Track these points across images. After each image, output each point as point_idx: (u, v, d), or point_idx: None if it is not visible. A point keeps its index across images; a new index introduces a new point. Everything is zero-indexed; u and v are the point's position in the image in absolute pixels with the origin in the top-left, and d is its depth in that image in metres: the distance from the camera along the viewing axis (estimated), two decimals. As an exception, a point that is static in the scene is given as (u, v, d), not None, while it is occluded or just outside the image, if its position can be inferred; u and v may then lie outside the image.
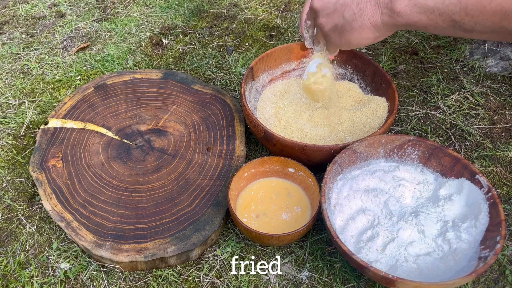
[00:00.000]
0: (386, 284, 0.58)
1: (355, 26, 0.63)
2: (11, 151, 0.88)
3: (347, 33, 0.64)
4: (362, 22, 0.62)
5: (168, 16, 1.23)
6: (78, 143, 0.84)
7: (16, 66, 1.08)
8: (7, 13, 1.26)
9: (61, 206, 0.74)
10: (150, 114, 0.90)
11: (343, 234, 0.67)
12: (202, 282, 0.69)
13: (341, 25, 0.64)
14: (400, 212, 0.69)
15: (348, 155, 0.71)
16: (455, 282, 0.55)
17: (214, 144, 0.84)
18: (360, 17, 0.62)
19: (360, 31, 0.63)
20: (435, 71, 1.00)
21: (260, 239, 0.67)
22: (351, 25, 0.63)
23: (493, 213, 0.63)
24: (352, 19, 0.63)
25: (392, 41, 1.10)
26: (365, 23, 0.62)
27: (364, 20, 0.62)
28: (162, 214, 0.73)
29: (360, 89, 0.90)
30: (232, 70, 1.05)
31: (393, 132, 0.89)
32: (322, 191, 0.65)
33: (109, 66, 1.07)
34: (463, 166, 0.69)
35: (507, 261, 0.70)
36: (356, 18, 0.62)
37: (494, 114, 0.90)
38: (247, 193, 0.75)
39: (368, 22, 0.62)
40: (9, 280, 0.69)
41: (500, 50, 1.01)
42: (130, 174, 0.79)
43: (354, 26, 0.63)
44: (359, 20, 0.62)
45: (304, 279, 0.68)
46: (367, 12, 0.61)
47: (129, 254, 0.68)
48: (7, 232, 0.76)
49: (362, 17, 0.62)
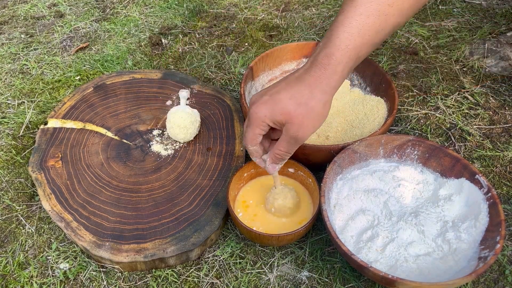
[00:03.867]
0: (386, 284, 0.58)
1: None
2: (10, 151, 0.88)
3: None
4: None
5: (167, 16, 1.23)
6: (77, 143, 0.84)
7: (15, 66, 1.08)
8: (6, 13, 1.26)
9: (60, 206, 0.74)
10: (149, 114, 0.90)
11: (343, 234, 0.66)
12: (202, 282, 0.68)
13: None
14: (400, 212, 0.69)
15: (348, 155, 0.71)
16: (455, 282, 0.55)
17: (213, 144, 0.84)
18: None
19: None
20: (435, 71, 1.00)
21: (260, 239, 0.67)
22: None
23: (493, 213, 0.63)
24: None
25: (392, 41, 1.10)
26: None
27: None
28: (161, 214, 0.73)
29: (360, 89, 0.90)
30: (232, 70, 1.05)
31: (393, 132, 0.89)
32: (322, 191, 0.65)
33: (108, 66, 1.06)
34: (463, 166, 0.69)
35: (507, 261, 0.70)
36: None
37: (494, 114, 0.90)
38: (247, 193, 0.75)
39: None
40: (9, 280, 0.69)
41: (500, 50, 1.01)
42: (129, 174, 0.79)
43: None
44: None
45: (303, 279, 0.68)
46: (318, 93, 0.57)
47: (128, 255, 0.67)
48: (6, 233, 0.76)
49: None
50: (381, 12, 0.56)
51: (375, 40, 0.58)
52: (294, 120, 0.57)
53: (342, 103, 0.87)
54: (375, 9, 0.56)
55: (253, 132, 0.60)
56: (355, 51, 0.57)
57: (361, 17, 0.56)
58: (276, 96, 0.58)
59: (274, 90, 0.59)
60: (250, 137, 0.61)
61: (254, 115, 0.59)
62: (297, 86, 0.57)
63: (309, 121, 0.57)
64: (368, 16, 0.56)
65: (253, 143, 0.62)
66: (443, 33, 1.11)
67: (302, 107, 0.56)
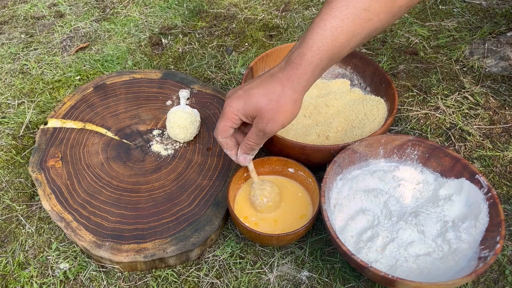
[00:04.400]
0: (386, 284, 0.58)
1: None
2: (10, 151, 0.88)
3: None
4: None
5: (167, 16, 1.23)
6: (77, 143, 0.84)
7: (15, 66, 1.08)
8: (6, 13, 1.26)
9: (60, 206, 0.74)
10: (149, 114, 0.90)
11: (343, 234, 0.66)
12: (202, 282, 0.68)
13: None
14: (400, 212, 0.69)
15: (348, 155, 0.71)
16: (455, 282, 0.55)
17: (214, 144, 0.84)
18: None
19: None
20: (435, 71, 1.00)
21: (260, 239, 0.67)
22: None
23: (493, 213, 0.63)
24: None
25: (392, 41, 1.10)
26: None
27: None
28: (161, 214, 0.73)
29: (360, 89, 0.90)
30: (232, 70, 1.05)
31: (393, 132, 0.89)
32: (322, 191, 0.65)
33: (108, 66, 1.06)
34: (463, 166, 0.69)
35: (507, 261, 0.70)
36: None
37: (494, 114, 0.90)
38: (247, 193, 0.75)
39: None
40: (9, 280, 0.69)
41: (500, 50, 1.01)
42: (129, 174, 0.79)
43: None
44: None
45: (303, 279, 0.68)
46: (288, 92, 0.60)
47: (128, 255, 0.67)
48: (6, 232, 0.76)
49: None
50: (357, 16, 0.58)
51: (350, 43, 0.59)
52: (264, 115, 0.60)
53: (342, 103, 0.87)
54: (350, 13, 0.57)
55: (225, 124, 0.64)
56: (327, 53, 0.58)
57: (336, 20, 0.58)
58: (249, 91, 0.61)
59: (248, 86, 0.62)
60: (221, 129, 0.64)
61: (227, 108, 0.62)
62: (270, 83, 0.60)
63: (279, 116, 0.60)
64: (343, 20, 0.57)
65: (224, 135, 0.65)
66: (443, 33, 1.11)
67: (273, 103, 0.59)
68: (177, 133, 0.81)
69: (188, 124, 0.81)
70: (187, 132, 0.81)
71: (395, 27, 1.14)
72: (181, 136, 0.82)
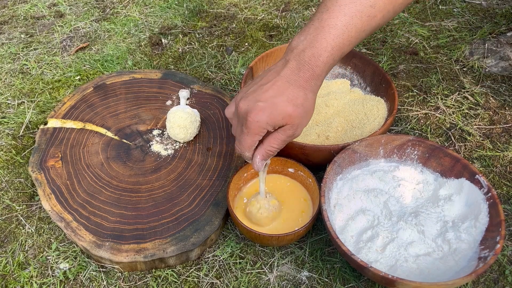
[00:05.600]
0: (386, 284, 0.58)
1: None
2: (10, 151, 0.88)
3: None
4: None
5: (167, 16, 1.23)
6: (77, 143, 0.84)
7: (15, 66, 1.08)
8: (6, 13, 1.26)
9: (60, 206, 0.74)
10: (149, 114, 0.90)
11: (343, 234, 0.66)
12: (202, 282, 0.68)
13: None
14: (400, 212, 0.69)
15: (348, 155, 0.71)
16: (455, 282, 0.55)
17: (213, 144, 0.84)
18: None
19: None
20: (435, 71, 1.00)
21: (260, 240, 0.67)
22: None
23: (493, 213, 0.63)
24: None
25: (392, 41, 1.10)
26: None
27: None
28: (161, 214, 0.73)
29: (360, 89, 0.90)
30: (232, 70, 1.05)
31: (393, 132, 0.89)
32: (322, 191, 0.65)
33: (108, 66, 1.06)
34: (463, 166, 0.69)
35: (507, 261, 0.70)
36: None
37: (494, 114, 0.90)
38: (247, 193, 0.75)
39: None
40: (8, 280, 0.69)
41: (500, 50, 1.01)
42: (129, 174, 0.79)
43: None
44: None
45: (303, 279, 0.68)
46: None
47: (128, 255, 0.67)
48: (6, 232, 0.76)
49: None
50: (364, 13, 0.58)
51: (357, 40, 0.60)
52: (294, 121, 0.59)
53: (342, 103, 0.87)
54: (358, 10, 0.57)
55: (252, 139, 0.61)
56: (339, 51, 0.59)
57: (346, 18, 0.57)
58: (272, 101, 0.58)
59: (267, 95, 0.58)
60: (249, 145, 0.61)
61: (254, 124, 0.59)
62: (290, 89, 0.58)
63: (305, 120, 0.61)
64: (352, 17, 0.57)
65: (251, 150, 0.62)
66: (443, 33, 1.11)
67: (300, 108, 0.58)
68: (177, 133, 0.81)
69: (188, 124, 0.81)
70: (187, 132, 0.81)
71: (395, 27, 1.14)
72: (181, 136, 0.82)
